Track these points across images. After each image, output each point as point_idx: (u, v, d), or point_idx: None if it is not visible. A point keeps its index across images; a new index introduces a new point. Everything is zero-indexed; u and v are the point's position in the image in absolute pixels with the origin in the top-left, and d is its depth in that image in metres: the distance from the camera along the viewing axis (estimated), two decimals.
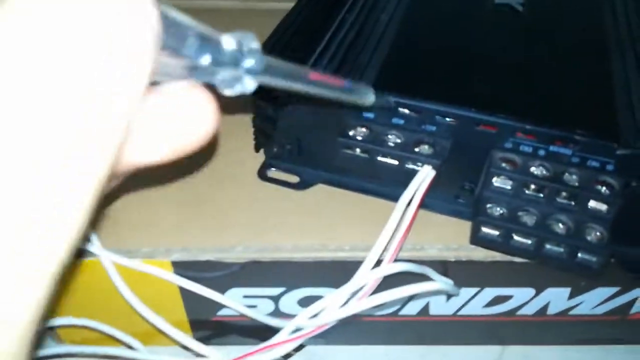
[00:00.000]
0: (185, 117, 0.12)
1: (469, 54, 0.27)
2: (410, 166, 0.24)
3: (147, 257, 0.25)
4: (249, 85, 0.13)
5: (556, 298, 0.27)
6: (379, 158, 0.25)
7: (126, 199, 0.27)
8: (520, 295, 0.27)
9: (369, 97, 0.22)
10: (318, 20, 0.29)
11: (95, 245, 0.24)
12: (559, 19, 0.30)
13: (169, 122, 0.12)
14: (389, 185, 0.26)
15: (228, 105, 0.31)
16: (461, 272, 0.25)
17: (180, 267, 0.25)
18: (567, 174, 0.23)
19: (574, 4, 0.31)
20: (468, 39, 0.28)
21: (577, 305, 0.27)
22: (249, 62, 0.13)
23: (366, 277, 0.21)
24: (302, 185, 0.28)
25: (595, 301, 0.27)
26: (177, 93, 0.12)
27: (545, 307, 0.27)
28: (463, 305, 0.27)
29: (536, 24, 0.29)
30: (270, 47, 0.27)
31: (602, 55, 0.27)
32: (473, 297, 0.27)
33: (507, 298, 0.27)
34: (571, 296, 0.27)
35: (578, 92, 0.25)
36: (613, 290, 0.26)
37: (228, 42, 0.13)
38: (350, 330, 0.29)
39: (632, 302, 0.27)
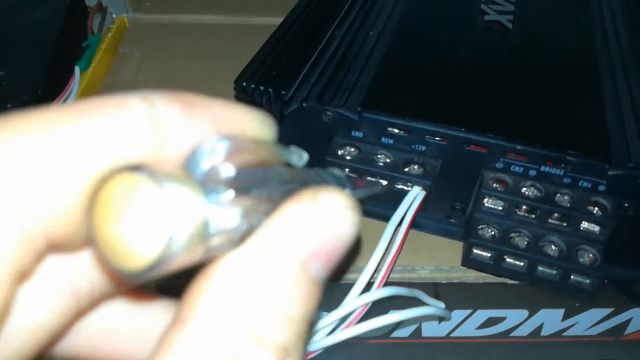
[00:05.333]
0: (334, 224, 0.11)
1: (459, 72, 0.27)
2: (400, 186, 0.24)
3: None
4: None
5: (550, 319, 0.26)
6: (368, 178, 0.24)
7: None
8: (513, 316, 0.26)
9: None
10: (306, 37, 0.29)
11: None
12: (549, 37, 0.30)
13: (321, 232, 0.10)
14: (380, 205, 0.25)
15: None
16: (453, 294, 0.25)
17: None
18: (559, 195, 0.23)
19: (563, 22, 0.31)
20: (458, 57, 0.28)
21: (571, 326, 0.27)
22: None
23: (355, 302, 0.21)
24: None
25: (589, 322, 0.26)
26: (323, 201, 0.10)
27: (539, 328, 0.27)
28: (456, 327, 0.27)
29: (526, 42, 0.29)
30: (258, 64, 0.27)
31: (593, 75, 0.27)
32: (466, 318, 0.26)
33: (500, 320, 0.26)
34: (565, 317, 0.26)
35: (569, 112, 0.25)
36: (607, 311, 0.26)
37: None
38: (340, 352, 0.28)
39: (626, 323, 0.26)
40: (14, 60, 0.35)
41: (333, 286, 0.24)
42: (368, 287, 0.22)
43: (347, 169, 0.24)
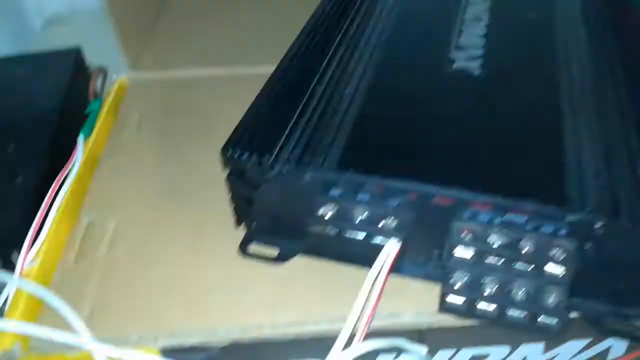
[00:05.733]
0: None
1: (427, 124, 0.28)
2: (376, 241, 0.26)
3: (136, 344, 0.26)
4: None
5: (532, 353, 0.27)
6: (347, 235, 0.26)
7: (113, 286, 0.29)
8: (496, 353, 0.28)
9: None
10: (289, 96, 0.31)
11: (86, 338, 0.25)
12: (514, 80, 0.31)
13: None
14: (362, 256, 0.27)
15: (207, 183, 0.33)
16: (436, 337, 0.26)
17: (168, 353, 0.26)
18: (523, 240, 0.24)
19: (529, 63, 0.33)
20: (427, 109, 0.30)
21: (553, 357, 0.28)
22: None
23: (338, 358, 0.23)
24: (281, 258, 0.30)
25: (570, 353, 0.28)
26: None
27: None
28: None
29: (492, 88, 0.31)
30: (242, 131, 0.29)
31: (555, 117, 0.28)
32: (450, 358, 0.27)
33: (483, 357, 0.28)
34: (546, 349, 0.27)
35: (529, 158, 0.26)
36: (586, 341, 0.27)
37: None
38: None
39: (607, 351, 0.28)
40: (22, 132, 0.38)
41: (322, 339, 0.26)
42: (351, 340, 0.24)
43: (327, 227, 0.26)
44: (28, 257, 0.29)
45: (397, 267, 0.26)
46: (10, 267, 0.29)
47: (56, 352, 0.26)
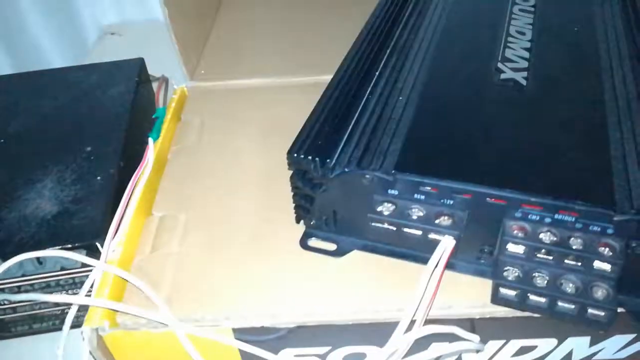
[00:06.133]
0: None
1: (479, 130, 0.31)
2: (433, 236, 0.28)
3: (212, 324, 0.29)
4: None
5: (578, 346, 0.29)
6: (405, 230, 0.28)
7: (186, 273, 0.32)
8: (544, 345, 0.29)
9: None
10: (345, 105, 0.33)
11: (169, 315, 0.28)
12: (561, 90, 0.33)
13: None
14: (417, 252, 0.29)
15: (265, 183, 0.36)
16: (487, 327, 0.28)
17: (240, 333, 0.29)
18: (572, 238, 0.26)
19: (574, 75, 0.34)
20: (477, 116, 0.32)
21: (599, 351, 0.29)
22: None
23: (399, 340, 0.25)
24: (339, 253, 0.32)
25: (615, 347, 0.29)
26: None
27: (569, 354, 0.30)
28: (492, 357, 0.30)
29: (539, 97, 0.32)
30: (306, 135, 0.31)
31: (600, 124, 0.30)
32: (500, 348, 0.29)
33: (532, 348, 0.29)
34: (592, 344, 0.29)
35: (578, 162, 0.28)
36: (630, 336, 0.28)
37: None
38: None
39: None
40: (97, 135, 0.41)
41: (381, 325, 0.28)
42: (411, 326, 0.26)
43: (386, 223, 0.29)
44: (111, 247, 0.32)
45: (451, 264, 0.28)
46: (95, 256, 0.32)
47: (140, 329, 0.29)
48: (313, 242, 0.33)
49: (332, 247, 0.32)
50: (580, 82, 0.34)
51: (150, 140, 0.40)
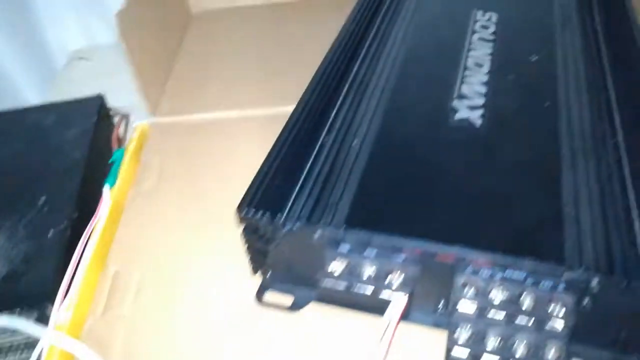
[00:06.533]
0: None
1: (429, 179, 0.30)
2: (384, 296, 0.27)
3: None
4: None
5: None
6: (354, 290, 0.27)
7: (139, 335, 0.31)
8: None
9: None
10: (299, 151, 0.32)
11: None
12: (515, 130, 0.32)
13: None
14: (369, 307, 0.29)
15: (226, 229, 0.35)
16: None
17: None
18: (523, 295, 0.25)
19: (529, 111, 0.34)
20: (430, 162, 0.31)
21: None
22: None
23: None
24: (296, 307, 0.31)
25: None
26: None
27: None
28: None
29: (492, 139, 0.32)
30: (256, 188, 0.30)
31: (554, 168, 0.29)
32: None
33: None
34: None
35: (528, 214, 0.27)
36: None
37: None
38: None
39: None
40: (52, 183, 0.40)
41: None
42: None
43: (337, 282, 0.28)
44: (61, 309, 0.31)
45: (406, 316, 0.27)
46: (44, 319, 0.31)
47: None
48: (269, 295, 0.32)
49: (289, 301, 0.31)
50: (536, 120, 0.33)
51: (105, 188, 0.39)
